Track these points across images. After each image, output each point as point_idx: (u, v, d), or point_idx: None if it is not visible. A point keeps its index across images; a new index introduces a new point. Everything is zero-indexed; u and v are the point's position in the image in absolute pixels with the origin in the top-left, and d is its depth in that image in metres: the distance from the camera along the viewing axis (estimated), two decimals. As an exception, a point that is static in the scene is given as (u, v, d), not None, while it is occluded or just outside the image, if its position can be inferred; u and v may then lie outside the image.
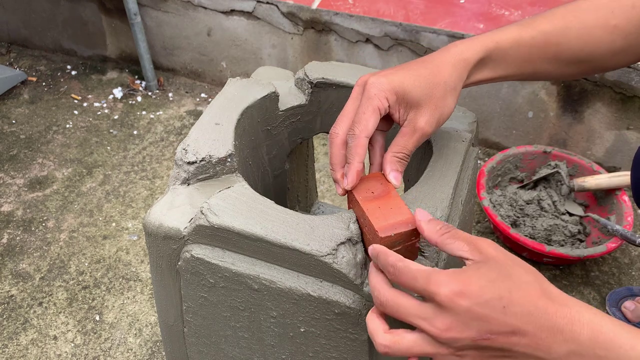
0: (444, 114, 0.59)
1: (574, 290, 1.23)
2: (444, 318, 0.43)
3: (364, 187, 0.59)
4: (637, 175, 0.81)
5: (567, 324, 0.41)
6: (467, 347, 0.43)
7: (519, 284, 0.42)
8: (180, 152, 0.69)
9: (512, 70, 0.62)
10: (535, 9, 1.50)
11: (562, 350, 0.41)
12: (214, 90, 1.84)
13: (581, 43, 0.62)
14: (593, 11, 0.62)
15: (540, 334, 0.41)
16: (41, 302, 1.21)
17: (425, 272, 0.45)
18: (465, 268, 0.44)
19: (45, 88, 1.85)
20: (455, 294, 0.42)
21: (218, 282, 0.63)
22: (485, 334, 0.42)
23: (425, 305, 0.44)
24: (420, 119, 0.58)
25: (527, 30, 0.61)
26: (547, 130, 1.49)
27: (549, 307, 0.42)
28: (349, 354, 0.63)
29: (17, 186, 1.49)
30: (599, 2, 0.63)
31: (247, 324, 0.66)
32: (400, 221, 0.54)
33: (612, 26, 0.61)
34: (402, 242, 0.55)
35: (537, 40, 0.61)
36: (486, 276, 0.43)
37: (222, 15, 1.66)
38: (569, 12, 0.63)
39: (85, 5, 1.84)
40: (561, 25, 0.62)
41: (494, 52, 0.60)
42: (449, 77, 0.59)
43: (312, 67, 0.83)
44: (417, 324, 0.44)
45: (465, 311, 0.42)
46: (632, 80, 1.33)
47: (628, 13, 0.61)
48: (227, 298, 0.65)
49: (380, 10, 1.50)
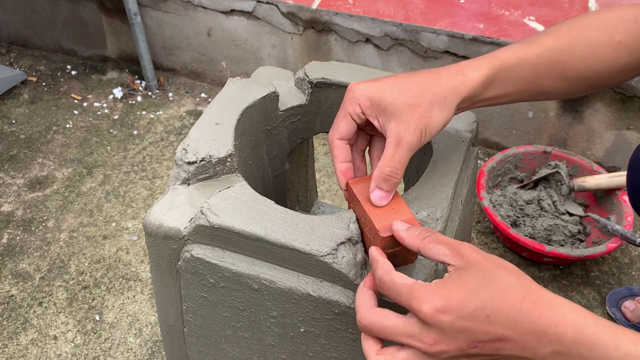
0: (430, 125, 0.56)
1: (574, 290, 1.23)
2: (429, 333, 0.43)
3: (365, 187, 0.60)
4: (633, 179, 0.81)
5: (551, 325, 0.42)
6: (457, 356, 0.44)
7: (502, 289, 0.43)
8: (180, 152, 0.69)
9: (519, 88, 0.61)
10: (535, 9, 1.50)
11: (546, 350, 0.42)
12: (214, 90, 1.84)
13: (587, 61, 0.61)
14: (597, 28, 0.61)
15: (525, 338, 0.42)
16: (41, 302, 1.21)
17: (407, 287, 0.45)
18: (447, 278, 0.45)
19: (45, 88, 1.85)
20: (438, 310, 0.42)
21: (218, 282, 0.63)
22: (473, 343, 0.43)
23: (410, 321, 0.45)
24: (402, 127, 0.55)
25: (532, 48, 0.60)
26: (547, 130, 1.49)
27: (532, 310, 0.42)
28: (349, 354, 0.63)
29: (17, 186, 1.49)
30: (603, 18, 0.62)
31: (247, 324, 0.66)
32: (402, 221, 0.55)
33: (616, 42, 0.61)
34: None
35: (543, 59, 0.60)
36: (467, 286, 0.43)
37: (222, 15, 1.66)
38: (574, 29, 0.62)
39: (85, 5, 1.84)
40: (566, 43, 0.61)
41: (499, 70, 0.59)
42: (439, 88, 0.56)
43: (312, 67, 0.83)
44: (405, 342, 0.45)
45: (449, 325, 0.42)
46: (632, 80, 1.33)
47: (631, 28, 0.61)
48: (227, 298, 0.65)
49: (380, 10, 1.50)
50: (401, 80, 0.58)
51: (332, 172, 1.53)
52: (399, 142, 0.55)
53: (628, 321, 1.15)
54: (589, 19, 0.63)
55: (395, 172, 0.56)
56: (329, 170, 1.54)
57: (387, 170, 0.56)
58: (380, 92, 0.57)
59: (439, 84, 0.57)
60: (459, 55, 1.44)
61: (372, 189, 0.57)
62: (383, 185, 0.57)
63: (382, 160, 0.56)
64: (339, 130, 0.60)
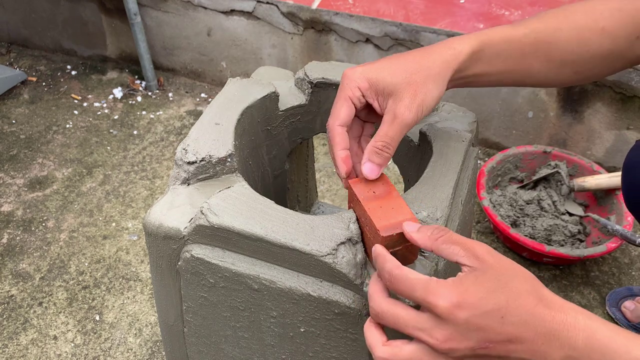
0: (425, 99, 0.57)
1: (574, 290, 1.23)
2: (442, 329, 0.43)
3: (365, 187, 0.60)
4: (627, 180, 0.81)
5: (564, 330, 0.42)
6: (466, 356, 0.44)
7: (516, 293, 0.43)
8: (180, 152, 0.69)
9: (506, 68, 0.62)
10: (535, 9, 1.50)
11: (558, 355, 0.42)
12: (214, 90, 1.84)
13: (572, 44, 0.62)
14: (583, 13, 0.63)
15: (537, 341, 0.42)
16: (41, 302, 1.21)
17: (423, 282, 0.45)
18: (463, 277, 0.44)
19: (45, 88, 1.85)
20: (454, 306, 0.42)
21: (218, 282, 0.63)
22: (484, 342, 0.42)
23: (423, 315, 0.44)
24: (399, 104, 0.57)
25: (519, 29, 0.62)
26: (547, 130, 1.49)
27: (545, 314, 0.42)
28: (349, 354, 0.63)
29: (17, 186, 1.50)
30: (589, 5, 0.63)
31: (247, 324, 0.66)
32: (402, 221, 0.55)
33: (600, 28, 0.62)
34: (403, 242, 0.55)
35: (529, 38, 0.62)
36: (485, 286, 0.43)
37: (222, 15, 1.66)
38: (561, 14, 0.64)
39: (85, 5, 1.84)
40: (552, 26, 0.62)
41: (486, 45, 0.60)
42: (433, 63, 0.58)
43: (312, 67, 0.83)
44: (415, 335, 0.45)
45: (464, 322, 0.42)
46: (632, 80, 1.33)
47: (615, 16, 0.62)
48: (227, 298, 0.65)
49: (380, 10, 1.50)
50: (396, 60, 0.59)
51: (332, 172, 1.53)
52: (394, 119, 0.57)
53: (628, 321, 1.15)
54: (577, 6, 0.64)
55: (387, 146, 0.57)
56: (329, 170, 1.54)
57: (379, 144, 0.57)
58: (377, 73, 0.58)
59: (432, 60, 0.58)
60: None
61: (364, 161, 0.58)
62: (374, 158, 0.58)
63: (376, 135, 0.58)
64: (340, 116, 0.59)
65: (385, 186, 0.60)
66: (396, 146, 0.58)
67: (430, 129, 0.73)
